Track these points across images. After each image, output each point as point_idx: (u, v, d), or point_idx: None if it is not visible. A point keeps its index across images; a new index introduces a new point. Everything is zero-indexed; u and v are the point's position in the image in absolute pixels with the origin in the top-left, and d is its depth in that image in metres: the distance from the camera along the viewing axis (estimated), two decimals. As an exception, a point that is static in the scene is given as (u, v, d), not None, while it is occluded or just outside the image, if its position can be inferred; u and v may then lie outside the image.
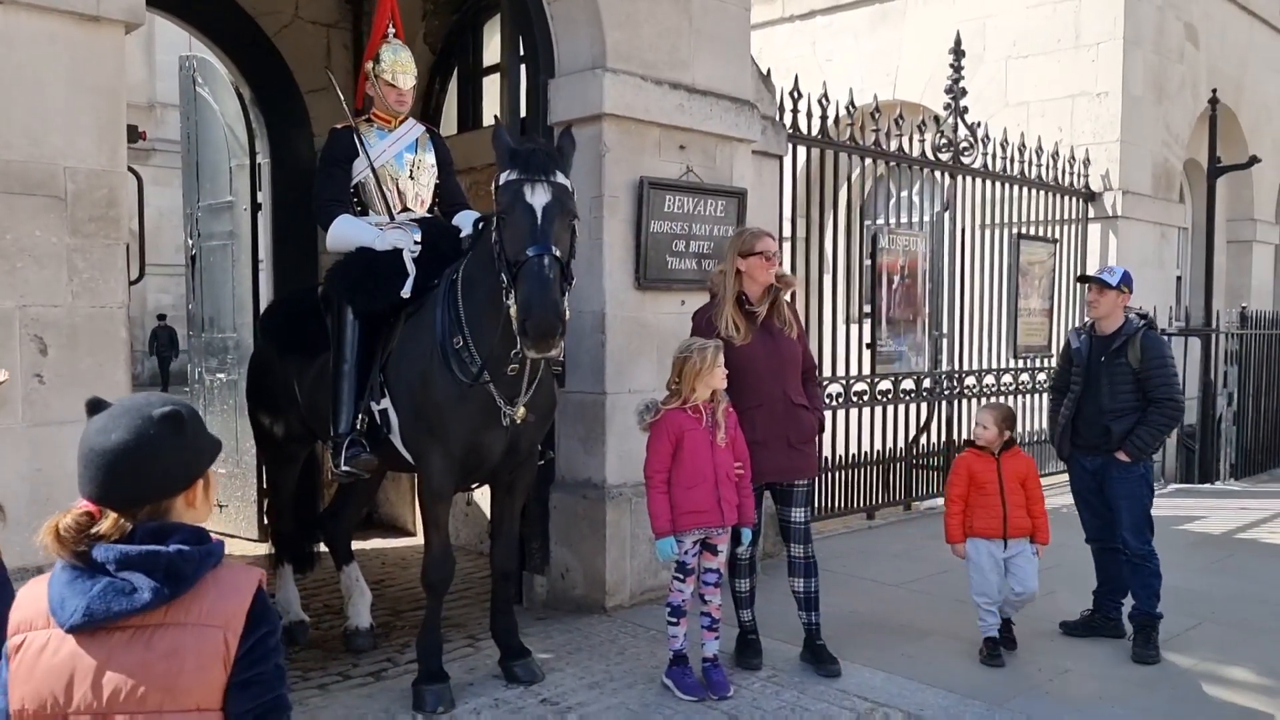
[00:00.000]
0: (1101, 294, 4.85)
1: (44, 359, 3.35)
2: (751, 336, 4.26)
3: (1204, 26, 11.04)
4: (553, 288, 3.41)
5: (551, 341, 3.44)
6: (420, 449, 3.99)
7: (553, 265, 3.43)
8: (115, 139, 3.49)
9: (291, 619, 4.82)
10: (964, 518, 4.69)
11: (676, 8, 5.39)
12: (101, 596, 1.55)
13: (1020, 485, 4.67)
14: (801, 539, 4.41)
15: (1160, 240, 10.51)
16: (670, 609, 4.14)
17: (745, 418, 4.20)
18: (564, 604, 5.26)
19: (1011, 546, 4.63)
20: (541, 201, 3.53)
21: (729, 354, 4.14)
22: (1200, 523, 7.78)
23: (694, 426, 3.99)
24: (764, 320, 4.31)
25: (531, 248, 3.44)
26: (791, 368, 4.38)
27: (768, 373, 4.28)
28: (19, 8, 3.25)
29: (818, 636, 4.43)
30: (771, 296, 4.35)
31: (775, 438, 4.28)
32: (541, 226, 3.48)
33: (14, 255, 3.28)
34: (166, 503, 1.64)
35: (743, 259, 4.29)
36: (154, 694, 1.56)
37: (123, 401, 1.68)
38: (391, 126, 4.52)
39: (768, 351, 4.29)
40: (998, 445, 4.70)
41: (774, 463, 4.30)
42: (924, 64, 10.60)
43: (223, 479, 6.98)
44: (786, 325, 4.36)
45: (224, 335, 6.96)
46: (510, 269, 3.49)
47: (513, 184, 3.58)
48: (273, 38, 6.88)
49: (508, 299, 3.51)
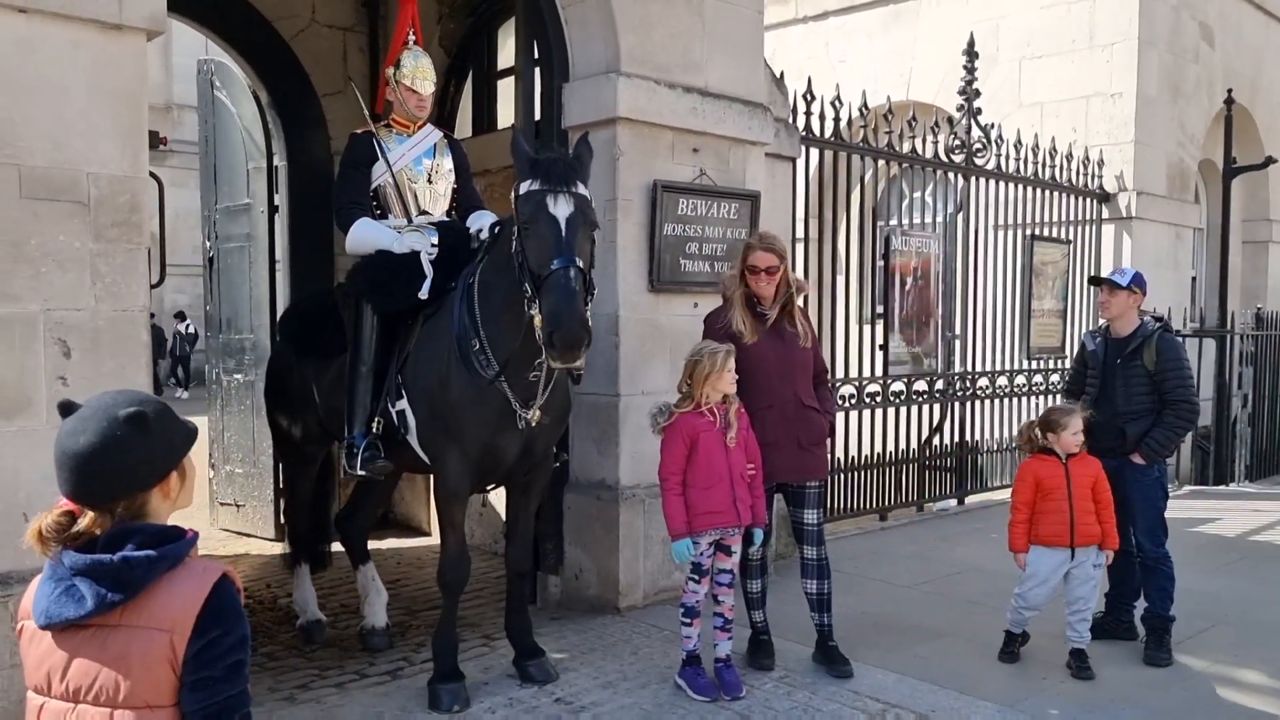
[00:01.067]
0: (1113, 295, 4.86)
1: (67, 361, 3.40)
2: (760, 336, 4.28)
3: (1220, 26, 11.00)
4: (579, 300, 3.46)
5: (578, 352, 3.49)
6: (437, 450, 4.04)
7: (578, 277, 3.49)
8: (137, 145, 3.54)
9: (309, 618, 4.88)
10: (1029, 525, 4.55)
11: (690, 11, 5.42)
12: (57, 601, 1.67)
13: (1090, 490, 4.52)
14: (814, 541, 4.43)
15: (1175, 241, 10.48)
16: (684, 609, 4.17)
17: (756, 418, 4.23)
18: (578, 604, 5.30)
19: (1078, 555, 4.50)
20: (565, 213, 3.57)
21: (740, 354, 4.17)
22: (1214, 525, 7.77)
23: (708, 428, 4.03)
24: (774, 323, 4.34)
25: (557, 260, 3.48)
26: (802, 370, 4.40)
27: (778, 374, 4.30)
28: (43, 16, 3.30)
29: (830, 638, 4.46)
30: (783, 300, 4.36)
31: (786, 438, 4.30)
32: (566, 238, 3.53)
33: (38, 260, 3.33)
34: (141, 496, 1.73)
35: (747, 269, 4.34)
36: (108, 691, 1.66)
37: (91, 403, 1.76)
38: (410, 132, 4.57)
39: (778, 353, 4.31)
40: (1076, 448, 4.54)
41: (784, 463, 4.32)
42: (938, 64, 10.59)
43: (240, 479, 7.06)
44: (801, 337, 4.36)
45: (241, 336, 7.03)
46: (534, 279, 3.53)
47: (535, 194, 3.61)
48: (289, 41, 6.94)
49: (531, 309, 3.55)
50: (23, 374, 3.32)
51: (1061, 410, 4.67)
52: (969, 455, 8.52)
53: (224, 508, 7.26)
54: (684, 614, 4.17)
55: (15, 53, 3.27)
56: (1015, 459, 8.95)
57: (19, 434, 3.32)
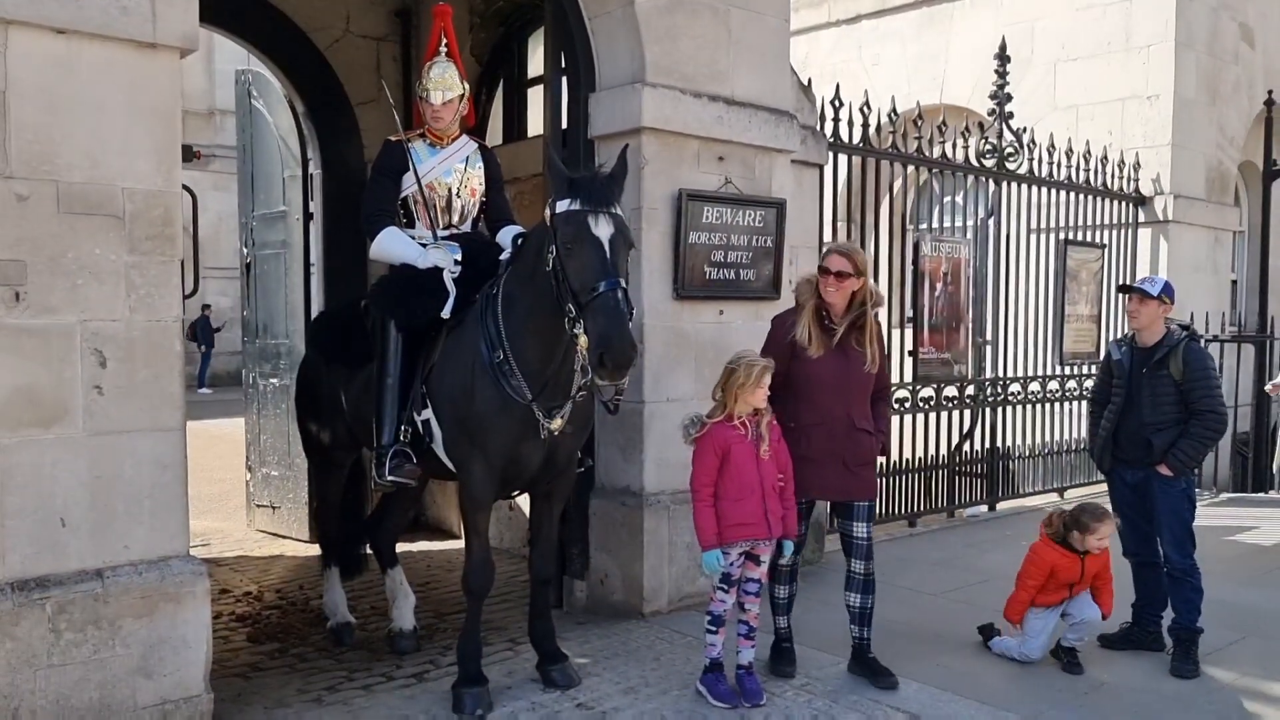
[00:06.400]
0: (1143, 304, 4.82)
1: (103, 371, 3.50)
2: (824, 352, 4.19)
3: (1260, 26, 10.82)
4: (627, 321, 3.52)
5: (626, 371, 3.55)
6: (461, 459, 4.11)
7: (624, 298, 3.55)
8: (171, 160, 3.64)
9: (338, 620, 4.98)
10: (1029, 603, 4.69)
11: (715, 21, 5.45)
12: None
13: (1094, 578, 4.66)
14: (863, 555, 4.36)
15: (1214, 244, 10.33)
16: (711, 618, 4.18)
17: (803, 433, 4.19)
18: (603, 609, 5.35)
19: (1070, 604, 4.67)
20: (607, 234, 3.63)
21: (799, 366, 4.12)
22: (1250, 533, 7.66)
23: (740, 440, 4.02)
24: (841, 339, 4.22)
25: (604, 281, 3.54)
26: (860, 392, 4.29)
27: (833, 391, 4.21)
28: (81, 37, 3.40)
29: (868, 650, 4.43)
30: (855, 315, 4.25)
31: (830, 457, 4.23)
32: (611, 259, 3.59)
33: (75, 272, 3.44)
34: None
35: (820, 270, 4.26)
36: None
37: None
38: (444, 144, 4.62)
39: (837, 370, 4.21)
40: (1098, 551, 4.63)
41: (825, 481, 4.27)
42: (972, 67, 10.53)
43: (275, 481, 7.19)
44: (868, 361, 4.23)
45: (276, 341, 7.17)
46: (577, 299, 3.59)
47: (576, 215, 3.65)
48: (324, 52, 7.07)
49: (574, 329, 3.61)
50: (60, 383, 3.42)
51: (1094, 514, 4.64)
52: (1000, 461, 8.47)
53: (260, 509, 7.40)
54: (710, 622, 4.18)
55: (54, 72, 3.38)
56: (1048, 464, 8.92)
57: (56, 442, 3.42)
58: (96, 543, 3.50)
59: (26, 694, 3.33)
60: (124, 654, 3.52)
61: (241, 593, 5.81)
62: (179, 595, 3.62)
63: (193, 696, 3.66)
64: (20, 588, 3.35)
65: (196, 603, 3.67)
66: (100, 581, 3.48)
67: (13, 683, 3.31)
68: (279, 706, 4.11)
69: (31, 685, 3.34)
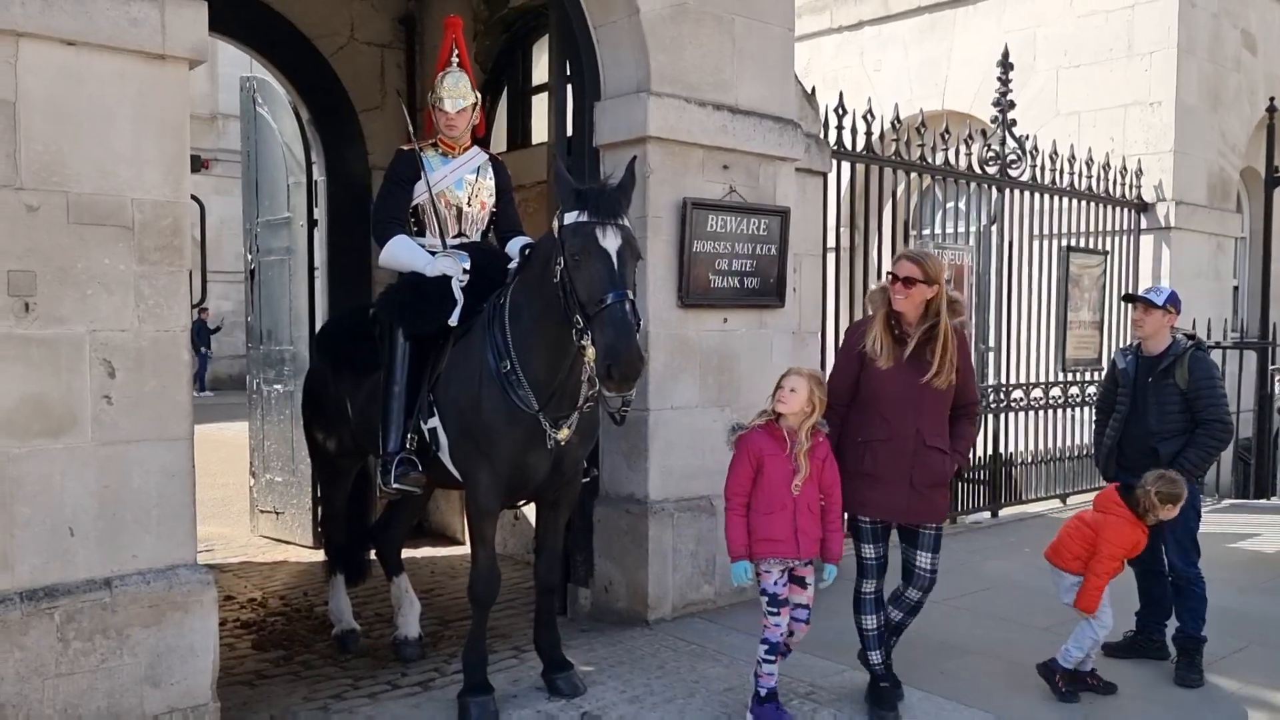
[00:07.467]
0: (1147, 313, 4.83)
1: (112, 381, 3.51)
2: (894, 363, 3.94)
3: (1261, 33, 10.85)
4: (634, 333, 3.54)
5: (633, 383, 3.56)
6: (468, 467, 4.12)
7: (631, 310, 3.56)
8: (180, 171, 3.65)
9: (344, 627, 4.99)
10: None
11: (720, 30, 5.47)
12: None
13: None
14: (924, 586, 4.14)
15: (1216, 251, 10.35)
16: (766, 646, 3.92)
17: (868, 448, 3.98)
18: (607, 616, 5.36)
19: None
20: (614, 245, 3.64)
21: (867, 377, 3.96)
22: (1253, 540, 7.66)
23: (776, 451, 3.84)
24: (914, 351, 3.96)
25: (611, 293, 3.55)
26: (933, 407, 4.00)
27: (902, 405, 3.95)
28: (90, 48, 3.42)
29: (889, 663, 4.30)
30: (928, 325, 3.97)
31: (896, 476, 3.96)
32: (619, 271, 3.61)
33: (85, 283, 3.46)
34: None
35: (890, 275, 4.05)
36: None
37: None
38: (455, 153, 4.64)
39: (906, 385, 3.94)
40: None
41: (890, 502, 4.00)
42: (973, 74, 10.55)
43: (279, 487, 7.20)
44: (931, 373, 3.91)
45: (281, 348, 7.18)
46: (584, 311, 3.60)
47: (584, 227, 3.66)
48: (329, 59, 7.08)
49: (582, 340, 3.62)
50: (69, 393, 3.44)
51: (1178, 481, 4.43)
52: (1003, 468, 8.47)
53: (264, 515, 7.41)
54: (766, 651, 3.92)
55: (64, 84, 3.40)
56: (1050, 471, 8.92)
57: (65, 451, 3.44)
58: (104, 552, 3.52)
59: (35, 703, 3.35)
60: (132, 663, 3.53)
61: (246, 599, 5.82)
62: (186, 604, 3.63)
63: (200, 705, 3.67)
64: (29, 597, 3.36)
65: (204, 611, 3.68)
66: (108, 590, 3.49)
67: (21, 692, 3.32)
68: (285, 715, 4.12)
69: (40, 694, 3.36)
